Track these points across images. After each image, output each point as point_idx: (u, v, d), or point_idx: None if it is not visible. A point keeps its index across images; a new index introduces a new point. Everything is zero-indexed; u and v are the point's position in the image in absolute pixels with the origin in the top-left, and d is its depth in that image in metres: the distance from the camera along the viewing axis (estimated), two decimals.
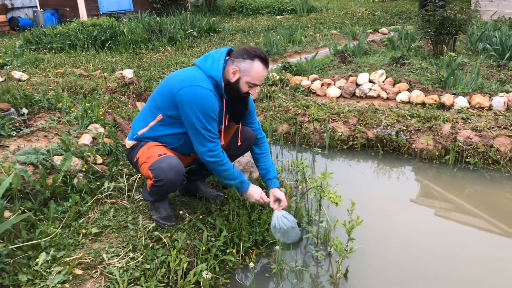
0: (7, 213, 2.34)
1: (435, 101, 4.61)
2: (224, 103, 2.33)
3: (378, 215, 3.02)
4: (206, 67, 2.26)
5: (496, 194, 3.35)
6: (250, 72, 2.25)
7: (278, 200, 2.57)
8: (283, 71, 5.87)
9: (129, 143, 2.43)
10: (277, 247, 2.39)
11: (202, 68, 2.27)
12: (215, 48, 7.70)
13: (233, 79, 2.27)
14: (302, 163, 2.77)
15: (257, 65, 2.25)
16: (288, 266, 2.40)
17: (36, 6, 13.61)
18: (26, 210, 2.42)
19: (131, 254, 2.22)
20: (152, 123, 2.34)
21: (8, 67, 6.66)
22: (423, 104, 4.68)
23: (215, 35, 9.16)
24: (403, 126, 4.08)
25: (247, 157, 2.95)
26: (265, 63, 2.29)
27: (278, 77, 5.56)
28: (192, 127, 2.24)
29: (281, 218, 2.50)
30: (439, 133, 3.93)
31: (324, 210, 2.59)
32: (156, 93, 2.36)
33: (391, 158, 3.97)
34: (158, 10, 12.31)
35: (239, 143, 2.51)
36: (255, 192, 2.50)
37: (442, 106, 4.59)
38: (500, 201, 3.27)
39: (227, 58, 2.31)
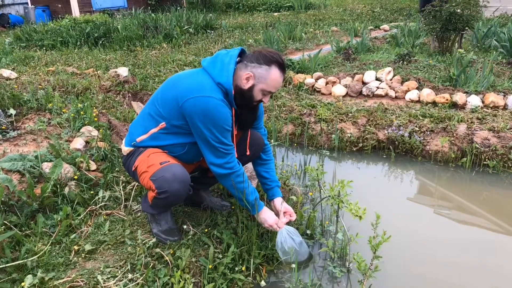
0: None
1: (447, 100, 4.39)
2: (234, 112, 2.07)
3: (394, 224, 2.79)
4: (215, 73, 1.98)
5: None
6: (266, 79, 1.98)
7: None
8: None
9: (126, 149, 2.17)
10: (293, 265, 2.15)
11: (210, 74, 1.99)
12: (213, 46, 7.44)
13: (246, 86, 2.00)
14: (317, 169, 2.52)
15: (275, 72, 1.99)
16: (304, 286, 2.16)
17: (27, 3, 13.26)
18: (10, 225, 2.16)
19: (130, 275, 1.97)
20: (153, 130, 2.08)
21: None
22: (434, 103, 4.46)
23: (212, 32, 8.90)
24: (416, 126, 3.86)
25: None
26: (283, 69, 2.03)
27: None
28: (205, 141, 1.99)
29: (285, 235, 2.22)
30: (454, 134, 3.71)
31: (342, 222, 2.35)
32: (160, 99, 2.07)
33: (404, 161, 3.74)
34: (152, 6, 12.02)
35: (247, 153, 2.26)
36: (269, 217, 2.21)
37: (454, 105, 4.37)
38: None
39: (238, 60, 2.06)
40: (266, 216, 2.21)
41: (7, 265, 1.92)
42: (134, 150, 2.14)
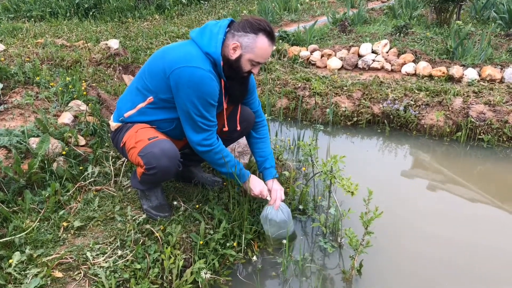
0: None
1: (443, 73, 4.32)
2: (223, 84, 2.00)
3: (388, 199, 2.78)
4: (203, 43, 1.90)
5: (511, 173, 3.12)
6: (253, 49, 1.89)
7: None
8: (280, 41, 5.51)
9: (114, 125, 2.11)
10: (284, 240, 2.14)
11: (198, 44, 1.91)
12: (207, 17, 7.26)
13: (233, 56, 1.92)
14: (310, 144, 2.48)
15: (262, 41, 1.89)
16: (295, 262, 2.15)
17: None
18: None
19: (119, 252, 1.95)
20: (141, 105, 2.01)
21: None
22: (430, 76, 4.39)
23: (206, 2, 8.68)
24: (411, 100, 3.81)
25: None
26: (271, 37, 1.93)
27: (275, 47, 5.19)
28: (186, 114, 1.92)
29: (274, 210, 2.19)
30: (450, 108, 3.67)
31: (334, 197, 2.32)
32: (147, 72, 2.00)
33: (399, 135, 3.71)
34: None
35: (238, 128, 2.20)
36: (256, 185, 2.18)
37: (450, 78, 4.31)
38: None
39: (227, 30, 1.97)
40: (252, 184, 2.18)
41: None
42: (122, 125, 2.09)
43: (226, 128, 2.10)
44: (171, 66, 1.86)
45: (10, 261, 1.82)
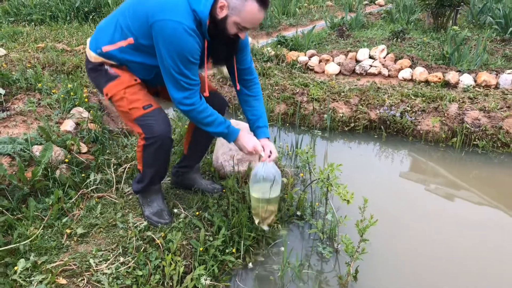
0: None
1: (440, 78, 4.38)
2: (206, 44, 1.91)
3: (385, 204, 2.84)
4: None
5: (507, 180, 3.18)
6: (241, 12, 1.79)
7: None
8: (278, 46, 5.56)
9: (92, 55, 2.04)
10: (282, 248, 2.19)
11: None
12: None
13: (219, 15, 1.83)
14: (307, 152, 2.54)
15: (251, 5, 1.78)
16: (293, 268, 2.21)
17: None
18: (2, 210, 2.17)
19: (121, 259, 2.00)
20: (121, 44, 1.95)
21: None
22: (427, 82, 4.46)
23: None
24: (408, 106, 3.87)
25: None
26: (263, 3, 1.80)
27: (273, 52, 5.26)
28: (167, 70, 1.87)
29: (266, 167, 2.09)
30: (446, 114, 3.73)
31: (331, 204, 2.38)
32: (131, 10, 1.91)
33: (395, 141, 3.77)
34: None
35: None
36: (247, 141, 2.07)
37: (446, 84, 4.37)
38: (510, 187, 3.10)
39: None
40: (244, 141, 2.08)
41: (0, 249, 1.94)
42: (102, 67, 2.05)
43: (206, 94, 2.03)
44: (154, 14, 1.80)
45: (16, 268, 1.87)
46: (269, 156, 2.13)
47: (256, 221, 2.26)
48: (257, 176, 2.11)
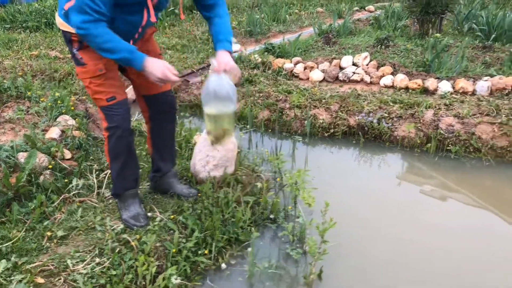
0: None
1: (419, 85, 4.52)
2: None
3: (358, 207, 2.97)
4: None
5: (476, 183, 3.31)
6: None
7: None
8: (266, 53, 5.71)
9: (60, 21, 2.08)
10: (249, 249, 2.32)
11: None
12: (197, 28, 7.46)
13: None
14: (278, 158, 2.67)
15: None
16: (261, 268, 2.34)
17: None
18: None
19: (97, 259, 2.14)
20: None
21: None
22: (407, 88, 4.59)
23: (198, 12, 8.87)
24: (385, 113, 4.00)
25: (222, 151, 2.84)
26: None
27: (260, 59, 5.40)
28: None
29: (219, 80, 2.00)
30: (421, 120, 3.87)
31: (299, 208, 2.52)
32: None
33: (372, 146, 3.91)
34: None
35: (181, 17, 2.25)
36: (156, 67, 1.94)
37: (426, 90, 4.51)
38: (480, 191, 3.22)
39: None
40: (151, 67, 1.95)
41: None
42: (70, 46, 2.11)
43: (153, 19, 2.05)
44: None
45: None
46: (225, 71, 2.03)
47: (209, 140, 2.16)
48: (209, 89, 2.01)
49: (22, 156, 2.66)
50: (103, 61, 2.08)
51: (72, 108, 3.42)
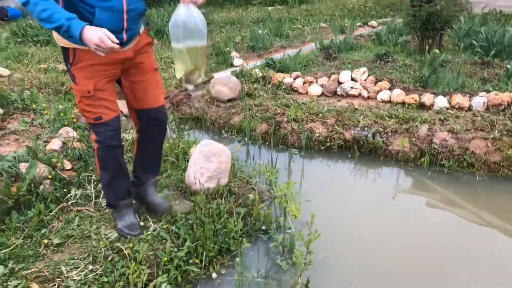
0: None
1: (415, 100, 4.59)
2: None
3: (349, 219, 3.04)
4: None
5: (469, 197, 3.35)
6: None
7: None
8: (267, 67, 5.83)
9: (58, 37, 2.11)
10: (237, 259, 2.39)
11: None
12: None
13: None
14: (270, 171, 2.75)
15: None
16: (249, 277, 2.40)
17: None
18: None
19: (91, 267, 2.22)
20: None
21: None
22: (404, 103, 4.66)
23: None
24: (381, 127, 4.07)
25: (216, 163, 2.93)
26: None
27: (260, 74, 5.52)
28: None
29: (188, 11, 1.92)
30: (416, 135, 3.93)
31: (289, 219, 2.59)
32: None
33: (367, 160, 3.97)
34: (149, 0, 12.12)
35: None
36: (92, 34, 1.87)
37: (422, 106, 4.57)
38: (473, 204, 3.27)
39: None
40: (89, 35, 1.88)
41: None
42: (65, 57, 2.16)
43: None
44: None
45: None
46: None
47: (178, 76, 2.07)
48: (177, 20, 1.93)
49: (23, 166, 2.77)
50: (94, 80, 2.15)
51: (74, 120, 3.55)
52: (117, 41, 1.92)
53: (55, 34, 2.16)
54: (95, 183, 2.96)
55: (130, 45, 2.26)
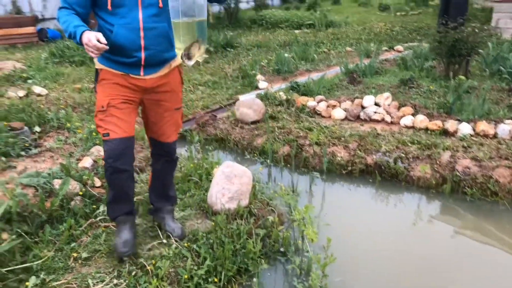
0: (4, 235, 2.51)
1: (439, 127, 4.59)
2: None
3: (368, 244, 3.06)
4: None
5: (491, 226, 3.32)
6: None
7: None
8: (291, 91, 5.95)
9: (95, 61, 2.33)
10: (255, 279, 2.46)
11: None
12: (229, 65, 7.84)
13: None
14: (288, 194, 2.83)
15: None
16: None
17: None
18: (22, 233, 2.58)
19: (115, 281, 2.34)
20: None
21: (30, 81, 6.97)
22: (427, 129, 4.66)
23: (232, 50, 9.32)
24: (402, 153, 4.09)
25: (237, 184, 3.03)
26: None
27: (285, 97, 5.63)
28: None
29: None
30: (438, 162, 3.93)
31: (307, 243, 2.65)
32: None
33: (389, 185, 3.99)
34: None
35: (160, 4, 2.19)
36: (84, 36, 2.01)
37: (445, 132, 4.56)
38: (495, 234, 3.24)
39: None
40: (83, 37, 2.02)
41: (16, 267, 2.33)
42: (95, 76, 2.37)
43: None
44: None
45: (27, 283, 2.24)
46: None
47: (178, 54, 2.02)
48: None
49: (57, 183, 2.95)
50: (110, 97, 2.27)
51: None
52: (105, 42, 2.01)
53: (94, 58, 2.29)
54: None
55: (153, 75, 2.32)
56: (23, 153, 3.51)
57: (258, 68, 7.19)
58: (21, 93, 5.71)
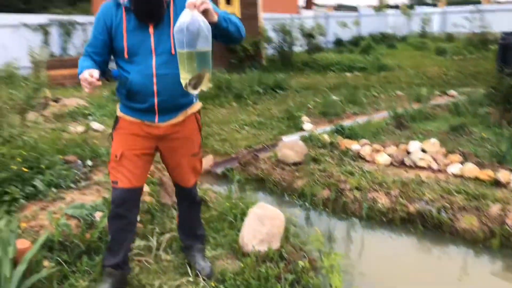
0: (45, 263, 2.67)
1: (490, 177, 4.35)
2: (124, 12, 2.24)
3: None
4: None
5: None
6: None
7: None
8: (335, 133, 5.93)
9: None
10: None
11: None
12: (276, 107, 7.99)
13: None
14: (318, 239, 2.80)
15: None
16: None
17: None
18: (61, 261, 2.73)
19: None
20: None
21: (91, 117, 7.50)
22: (476, 179, 4.44)
23: (281, 91, 9.50)
24: (447, 203, 3.91)
25: (268, 226, 3.04)
26: None
27: (329, 139, 5.63)
28: None
29: (192, 16, 1.90)
30: (486, 214, 3.71)
31: None
32: None
33: (431, 236, 3.80)
34: (233, 65, 12.98)
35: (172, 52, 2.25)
36: (82, 73, 2.11)
37: (496, 183, 4.32)
38: None
39: None
40: (81, 74, 2.11)
41: None
42: (115, 124, 2.47)
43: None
44: None
45: None
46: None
47: (183, 83, 2.00)
48: (181, 25, 1.90)
49: (98, 215, 3.12)
50: (124, 148, 2.36)
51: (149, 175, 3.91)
52: (97, 77, 2.08)
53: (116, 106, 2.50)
54: (157, 235, 3.20)
55: (168, 122, 2.36)
56: (73, 185, 3.75)
57: (305, 110, 7.26)
58: (81, 128, 6.15)
